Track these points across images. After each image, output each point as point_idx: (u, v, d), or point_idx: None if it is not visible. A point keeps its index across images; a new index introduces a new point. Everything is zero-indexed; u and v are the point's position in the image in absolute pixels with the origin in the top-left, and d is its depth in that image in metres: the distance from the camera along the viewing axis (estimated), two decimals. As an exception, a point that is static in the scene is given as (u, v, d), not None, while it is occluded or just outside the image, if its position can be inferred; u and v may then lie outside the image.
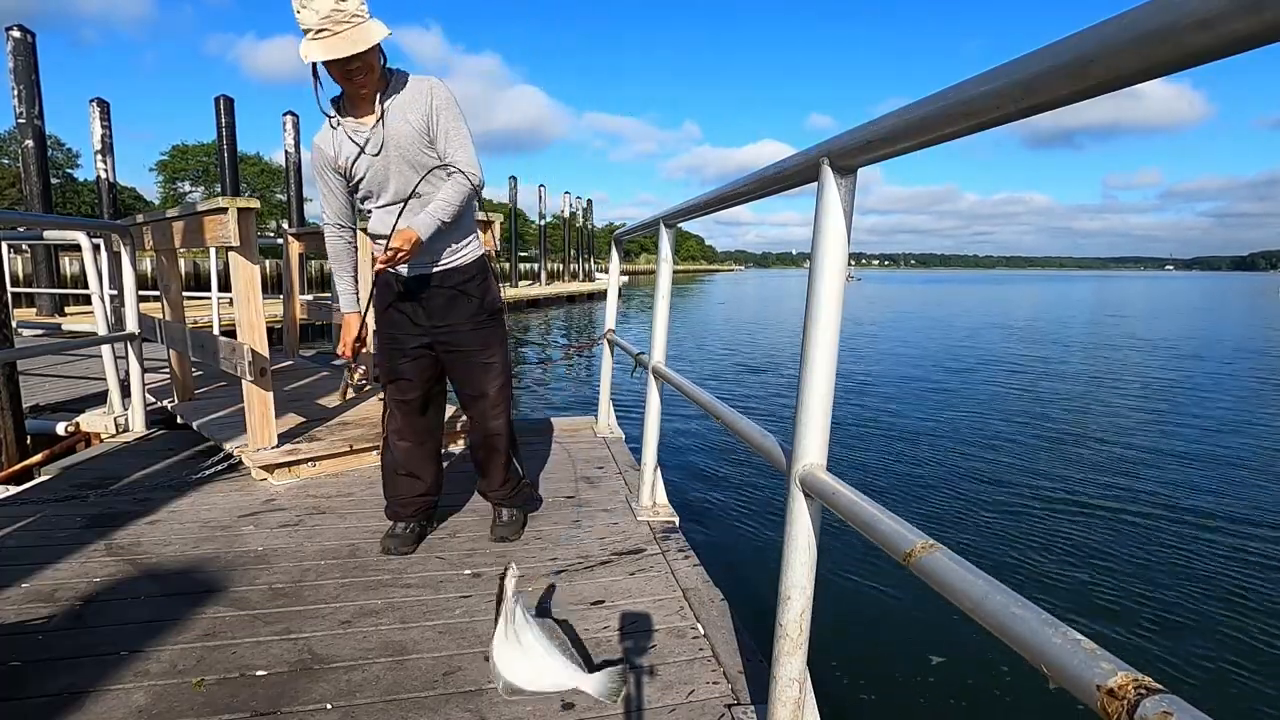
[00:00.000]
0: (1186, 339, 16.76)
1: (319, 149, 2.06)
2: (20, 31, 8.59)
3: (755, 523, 4.52)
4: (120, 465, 3.10)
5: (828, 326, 1.14)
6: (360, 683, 1.54)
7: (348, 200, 2.14)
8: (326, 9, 1.76)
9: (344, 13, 1.78)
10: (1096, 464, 5.80)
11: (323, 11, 1.76)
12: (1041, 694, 2.54)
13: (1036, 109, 0.71)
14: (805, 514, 1.19)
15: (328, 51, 1.79)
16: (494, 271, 2.29)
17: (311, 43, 1.80)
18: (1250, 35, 0.48)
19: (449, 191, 1.99)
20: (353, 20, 1.80)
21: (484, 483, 2.42)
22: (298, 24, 1.81)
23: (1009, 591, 0.75)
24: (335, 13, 1.77)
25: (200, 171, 43.96)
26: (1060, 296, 45.19)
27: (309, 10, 1.76)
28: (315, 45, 1.80)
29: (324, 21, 1.77)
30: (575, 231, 39.06)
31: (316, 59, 1.82)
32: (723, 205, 1.83)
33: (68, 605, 1.86)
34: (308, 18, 1.77)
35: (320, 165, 2.07)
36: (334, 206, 2.14)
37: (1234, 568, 3.81)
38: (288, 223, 14.70)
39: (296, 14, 1.79)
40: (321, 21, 1.77)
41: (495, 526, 2.37)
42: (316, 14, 1.76)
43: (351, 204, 2.16)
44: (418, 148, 1.99)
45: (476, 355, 2.20)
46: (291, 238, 5.30)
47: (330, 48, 1.79)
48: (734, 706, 1.47)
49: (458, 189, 1.99)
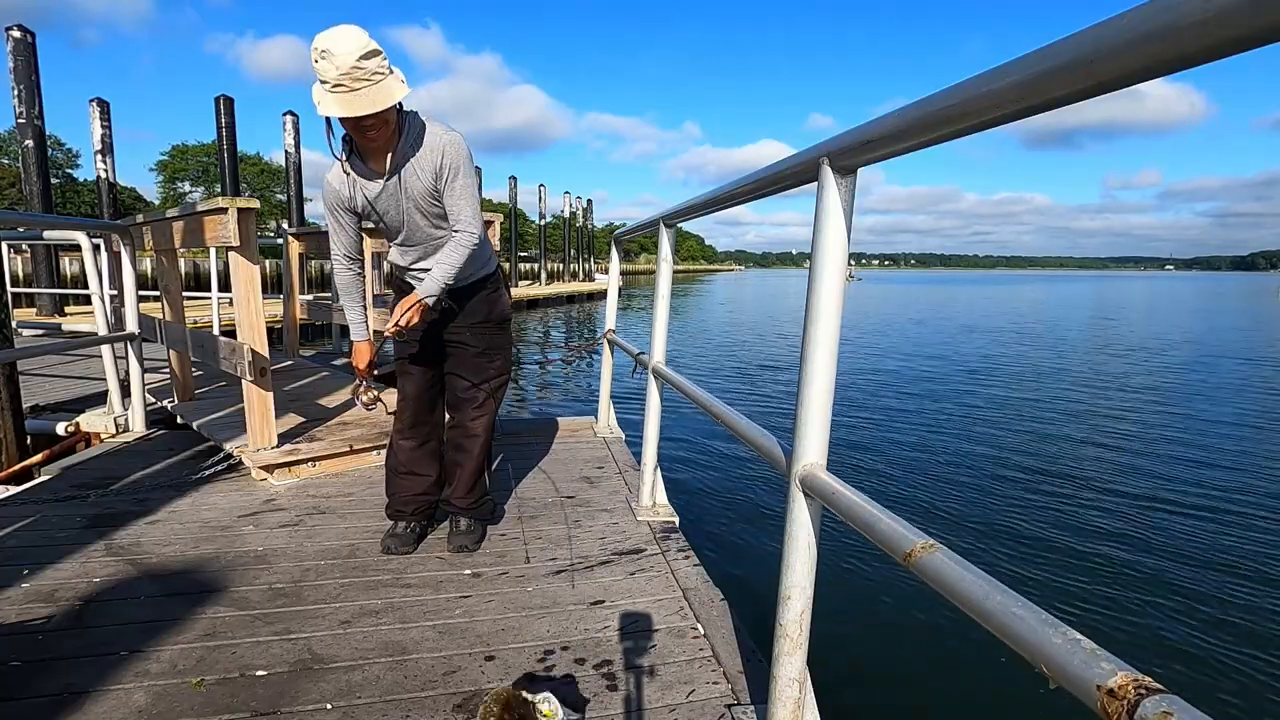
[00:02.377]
0: (1186, 340, 16.76)
1: (331, 187, 2.04)
2: (20, 31, 8.59)
3: (755, 522, 4.52)
4: (120, 465, 3.10)
5: (828, 326, 1.14)
6: (360, 683, 1.54)
7: (358, 235, 2.14)
8: (347, 65, 1.70)
9: (364, 70, 1.72)
10: (1097, 464, 5.80)
11: (342, 68, 1.70)
12: (1041, 694, 2.54)
13: (1036, 109, 0.71)
14: (805, 514, 1.19)
15: (343, 109, 1.75)
16: (505, 284, 2.32)
17: (328, 95, 1.75)
18: (1250, 35, 0.48)
19: (449, 254, 2.00)
20: (372, 79, 1.74)
21: (449, 489, 2.34)
22: (314, 72, 1.75)
23: (1009, 591, 0.75)
24: (355, 69, 1.71)
25: (200, 171, 43.95)
26: (1060, 297, 45.18)
27: (328, 63, 1.71)
28: (332, 100, 1.75)
29: (342, 78, 1.72)
30: (575, 231, 39.07)
31: (331, 114, 1.77)
32: (723, 205, 1.83)
33: (68, 605, 1.86)
34: (326, 70, 1.72)
35: (332, 203, 2.06)
36: (343, 242, 2.12)
37: (1235, 568, 3.81)
38: (288, 223, 14.70)
39: (314, 63, 1.73)
40: (340, 77, 1.71)
41: (453, 535, 2.28)
42: (336, 69, 1.70)
43: (361, 237, 2.17)
44: (429, 201, 2.01)
45: (475, 355, 2.24)
46: (291, 238, 5.31)
47: (347, 104, 1.74)
48: (734, 706, 1.47)
49: (460, 251, 2.00)
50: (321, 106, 1.77)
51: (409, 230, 2.07)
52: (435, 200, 2.01)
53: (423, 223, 2.06)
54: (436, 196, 2.01)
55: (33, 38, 8.69)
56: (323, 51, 1.71)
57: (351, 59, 1.70)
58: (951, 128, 0.84)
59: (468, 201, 2.00)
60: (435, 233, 2.08)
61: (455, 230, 2.01)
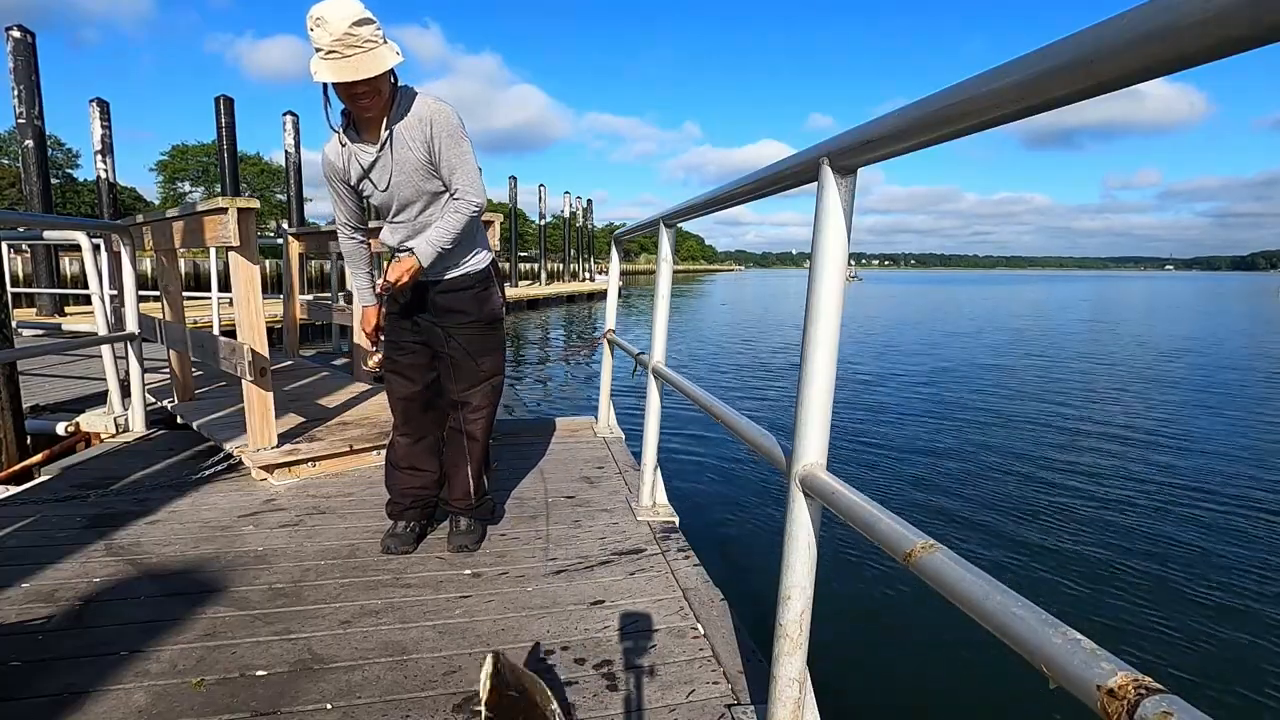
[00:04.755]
0: (1187, 340, 16.76)
1: (328, 159, 2.09)
2: (20, 31, 8.59)
3: (755, 523, 4.52)
4: (120, 465, 3.10)
5: (828, 326, 1.14)
6: (360, 683, 1.54)
7: (358, 204, 2.20)
8: (339, 32, 1.77)
9: (356, 38, 1.79)
10: (1097, 464, 5.80)
11: (335, 34, 1.77)
12: (1041, 694, 2.54)
13: (1036, 109, 0.71)
14: (805, 514, 1.19)
15: (335, 74, 1.82)
16: (499, 281, 2.31)
17: (321, 62, 1.82)
18: (1250, 35, 0.48)
19: (448, 219, 2.03)
20: (364, 46, 1.81)
21: (446, 489, 2.35)
22: (310, 41, 1.82)
23: (1009, 591, 0.75)
24: (347, 36, 1.77)
25: (200, 171, 43.96)
26: (1061, 297, 45.18)
27: (322, 30, 1.77)
28: (324, 66, 1.82)
29: (335, 44, 1.78)
30: (575, 231, 39.06)
31: (324, 80, 1.84)
32: (723, 205, 1.83)
33: (68, 605, 1.86)
34: (320, 37, 1.78)
35: (329, 174, 2.12)
36: (345, 211, 2.19)
37: (1235, 568, 3.81)
38: (288, 223, 14.69)
39: (309, 31, 1.79)
40: (333, 44, 1.78)
41: (453, 535, 2.29)
42: (329, 35, 1.77)
43: (362, 207, 2.22)
44: (423, 174, 2.02)
45: (466, 360, 2.22)
46: (291, 238, 5.31)
47: (338, 70, 1.81)
48: (734, 706, 1.47)
49: (457, 216, 2.03)
50: (316, 74, 1.83)
51: (398, 205, 2.08)
52: (428, 174, 2.02)
53: (412, 197, 2.06)
54: (430, 171, 2.02)
55: (33, 38, 8.69)
56: (317, 19, 1.77)
57: (344, 25, 1.76)
58: (951, 128, 0.84)
59: (462, 167, 2.01)
60: (425, 211, 2.08)
61: (454, 197, 2.03)
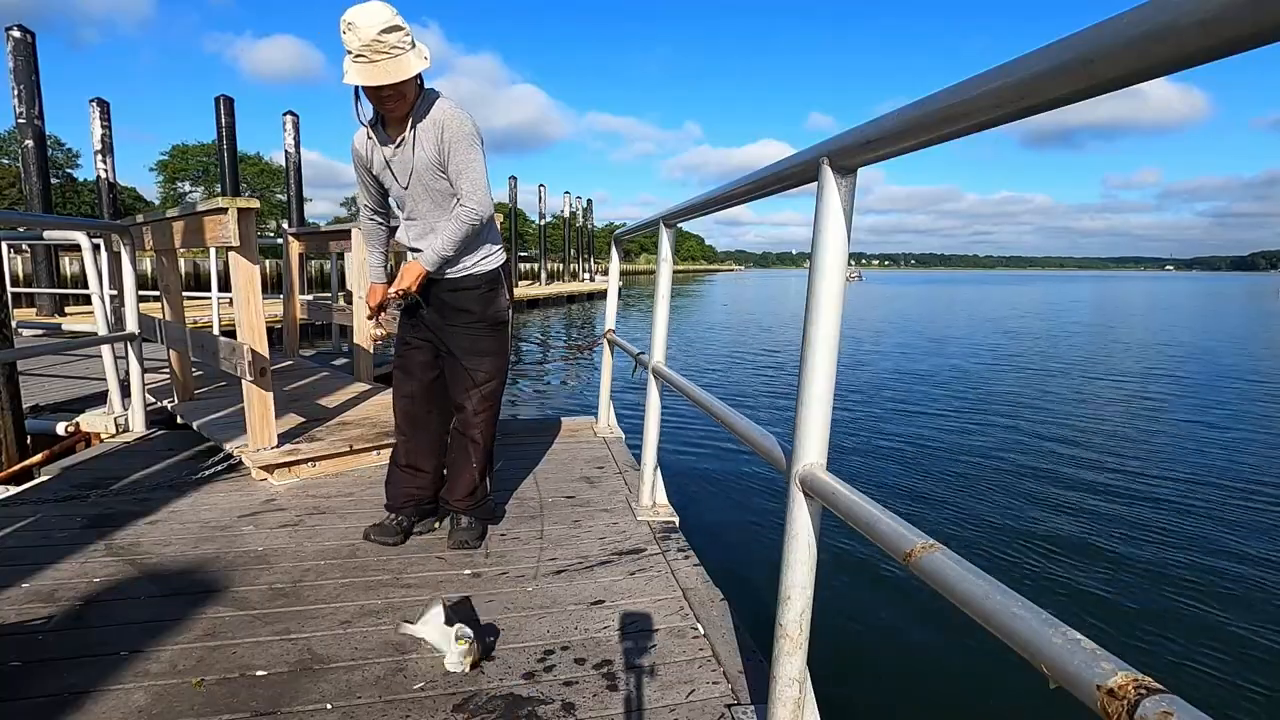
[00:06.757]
0: (1187, 341, 16.76)
1: (356, 149, 2.21)
2: (20, 31, 8.59)
3: (755, 523, 4.52)
4: (120, 465, 3.10)
5: (828, 326, 1.14)
6: (360, 683, 1.54)
7: (381, 193, 2.28)
8: (369, 38, 1.85)
9: (384, 44, 1.87)
10: (1097, 464, 5.80)
11: (364, 39, 1.85)
12: (1041, 694, 2.54)
13: (1036, 109, 0.71)
14: (805, 514, 1.19)
15: (362, 77, 1.91)
16: (507, 284, 2.33)
17: (352, 65, 1.90)
18: (1250, 35, 0.48)
19: (450, 227, 2.09)
20: (391, 52, 1.89)
21: (447, 489, 2.37)
22: (342, 43, 1.90)
23: (1009, 591, 0.75)
24: (376, 42, 1.86)
25: (200, 171, 43.98)
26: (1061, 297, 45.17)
27: (352, 34, 1.85)
28: (353, 68, 1.90)
29: (364, 49, 1.86)
30: (575, 231, 39.05)
31: (352, 82, 1.93)
32: (723, 205, 1.83)
33: (68, 605, 1.86)
34: (351, 40, 1.86)
35: (356, 163, 2.24)
36: (369, 197, 2.30)
37: (1235, 568, 3.81)
38: (288, 223, 14.69)
39: (342, 34, 1.88)
40: (361, 48, 1.86)
41: (453, 534, 2.30)
42: (359, 40, 1.85)
43: (385, 195, 2.29)
44: (433, 174, 2.09)
45: (468, 361, 2.24)
46: (291, 238, 5.31)
47: (365, 74, 1.90)
48: (734, 706, 1.47)
49: (458, 224, 2.08)
50: (346, 76, 1.92)
51: (412, 202, 2.16)
52: (438, 174, 2.09)
53: (426, 196, 2.13)
54: (440, 171, 2.09)
55: (33, 38, 8.68)
56: (349, 23, 1.85)
57: (373, 32, 1.84)
58: (951, 128, 0.83)
59: (468, 175, 2.06)
60: (437, 209, 2.15)
61: (458, 204, 2.09)
